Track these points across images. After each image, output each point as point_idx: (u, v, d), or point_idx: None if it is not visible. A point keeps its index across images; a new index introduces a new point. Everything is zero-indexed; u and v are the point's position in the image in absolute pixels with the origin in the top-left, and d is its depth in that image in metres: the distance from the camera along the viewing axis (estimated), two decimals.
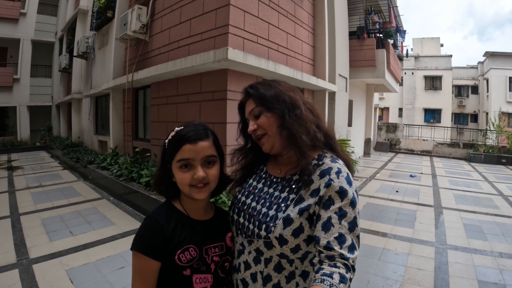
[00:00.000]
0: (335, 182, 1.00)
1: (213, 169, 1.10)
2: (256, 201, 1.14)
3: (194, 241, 1.10)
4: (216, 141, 1.15)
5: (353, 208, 0.98)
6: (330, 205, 0.98)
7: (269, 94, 1.12)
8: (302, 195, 1.04)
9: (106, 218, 5.28)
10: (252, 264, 1.08)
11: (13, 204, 6.07)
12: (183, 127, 1.12)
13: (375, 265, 3.73)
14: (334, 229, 0.94)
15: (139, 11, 6.95)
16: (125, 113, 8.62)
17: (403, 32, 13.44)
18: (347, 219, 0.96)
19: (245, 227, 1.11)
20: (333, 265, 0.89)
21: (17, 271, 3.46)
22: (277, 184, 1.15)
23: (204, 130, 1.12)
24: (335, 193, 0.98)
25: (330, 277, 0.85)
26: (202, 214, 1.18)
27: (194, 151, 1.06)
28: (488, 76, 25.58)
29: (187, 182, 1.06)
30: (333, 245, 0.92)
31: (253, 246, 1.08)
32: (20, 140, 16.45)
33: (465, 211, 6.08)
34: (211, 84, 5.52)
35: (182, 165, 1.07)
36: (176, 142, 1.08)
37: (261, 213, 1.08)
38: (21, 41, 16.53)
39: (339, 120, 9.10)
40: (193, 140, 1.06)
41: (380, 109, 26.12)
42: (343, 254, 0.90)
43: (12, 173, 9.25)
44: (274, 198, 1.10)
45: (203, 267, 1.11)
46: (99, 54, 10.43)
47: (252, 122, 1.13)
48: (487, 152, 14.34)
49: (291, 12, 6.89)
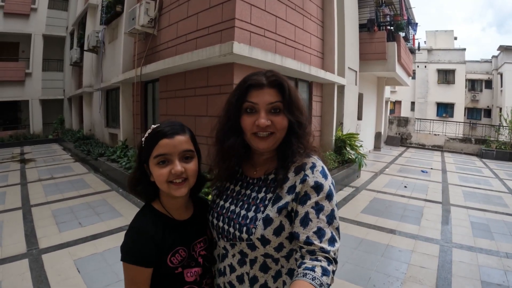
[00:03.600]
0: (310, 177, 1.00)
1: (191, 164, 1.08)
2: (235, 204, 1.12)
3: (182, 242, 1.11)
4: (193, 137, 1.13)
5: (329, 201, 0.98)
6: (307, 200, 0.98)
7: (295, 99, 1.08)
8: (279, 193, 1.04)
9: (115, 210, 5.38)
10: (237, 266, 1.08)
11: (25, 196, 6.22)
12: (159, 125, 1.11)
13: (377, 261, 3.71)
14: (312, 223, 0.94)
15: (147, 6, 6.99)
16: (134, 106, 8.72)
17: (415, 25, 13.22)
18: (325, 212, 0.96)
19: (226, 231, 1.09)
20: (315, 259, 0.89)
21: (27, 261, 3.56)
22: (254, 185, 1.13)
23: (181, 126, 1.11)
24: (311, 188, 0.99)
25: (312, 270, 0.85)
26: (183, 212, 1.17)
27: (171, 145, 1.04)
28: (502, 70, 24.97)
29: (164, 179, 1.04)
30: (313, 239, 0.92)
31: (236, 249, 1.07)
32: (33, 133, 16.77)
33: (473, 208, 5.99)
34: (217, 78, 5.54)
35: (159, 161, 1.04)
36: (152, 138, 1.07)
37: (240, 215, 1.07)
38: (32, 36, 16.77)
39: (348, 113, 9.04)
40: (170, 135, 1.05)
41: (392, 102, 25.80)
42: (324, 247, 0.91)
43: (25, 166, 9.46)
44: (252, 199, 1.09)
45: (192, 262, 1.13)
46: (109, 48, 10.53)
47: (265, 115, 1.04)
48: (499, 149, 14.04)
49: (299, 4, 6.83)
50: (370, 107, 13.24)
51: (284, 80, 1.08)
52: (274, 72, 1.10)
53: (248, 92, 1.07)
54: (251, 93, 1.07)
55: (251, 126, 1.05)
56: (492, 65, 27.71)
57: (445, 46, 28.82)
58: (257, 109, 1.05)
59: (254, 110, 1.06)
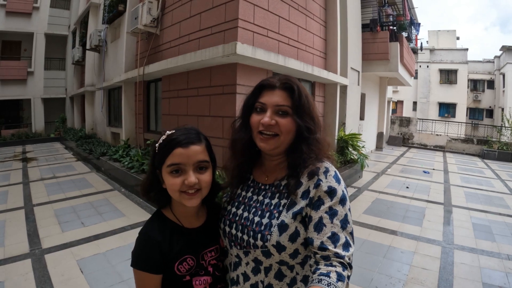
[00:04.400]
0: (323, 182, 1.00)
1: (205, 175, 1.06)
2: (248, 211, 1.11)
3: (191, 251, 1.09)
4: (208, 146, 1.11)
5: (343, 206, 0.98)
6: (320, 205, 0.98)
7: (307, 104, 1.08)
8: (293, 199, 1.03)
9: (117, 210, 5.39)
10: (251, 275, 1.07)
11: (27, 195, 6.23)
12: (174, 131, 1.09)
13: (379, 262, 3.72)
14: (326, 229, 0.94)
15: (149, 5, 6.99)
16: (136, 106, 8.72)
17: (417, 25, 13.18)
18: (339, 217, 0.96)
19: (239, 239, 1.07)
20: (329, 264, 0.89)
21: (30, 261, 3.57)
22: (266, 191, 1.12)
23: (197, 134, 1.08)
24: (324, 193, 0.99)
25: (327, 276, 0.85)
26: (194, 220, 1.16)
27: (185, 155, 1.02)
28: (504, 70, 24.86)
29: (177, 188, 1.02)
30: (327, 245, 0.92)
31: (250, 256, 1.06)
32: (35, 131, 16.84)
33: (475, 210, 5.99)
34: (220, 78, 5.54)
35: (172, 170, 1.02)
36: (167, 146, 1.04)
37: (254, 222, 1.06)
38: (34, 34, 16.83)
39: (351, 113, 9.02)
40: (185, 144, 1.02)
41: (394, 102, 25.74)
42: (338, 253, 0.90)
43: (27, 165, 9.49)
44: (265, 205, 1.08)
45: (202, 271, 1.11)
46: (111, 47, 10.53)
47: (271, 114, 1.05)
48: (501, 149, 14.01)
49: (302, 4, 6.82)
50: (372, 107, 13.23)
51: (296, 84, 1.09)
52: (288, 77, 1.12)
53: (261, 93, 1.11)
54: (263, 93, 1.11)
55: (257, 124, 1.07)
56: (495, 65, 27.63)
57: (448, 46, 28.76)
58: (265, 108, 1.07)
59: (262, 110, 1.08)
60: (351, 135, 8.06)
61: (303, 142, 1.07)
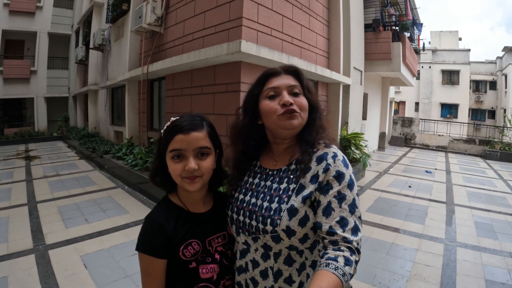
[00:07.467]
0: (332, 167, 1.01)
1: (206, 161, 1.07)
2: (256, 197, 1.11)
3: (196, 235, 1.10)
4: (212, 132, 1.12)
5: (351, 190, 0.99)
6: (329, 189, 0.98)
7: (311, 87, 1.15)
8: (302, 183, 1.03)
9: (121, 207, 5.41)
10: (261, 261, 1.06)
11: (31, 192, 6.26)
12: (179, 117, 1.10)
13: (383, 259, 3.73)
14: (335, 213, 0.95)
15: (153, 4, 7.02)
16: (140, 104, 8.75)
17: (420, 25, 13.20)
18: (347, 201, 0.97)
19: (247, 225, 1.08)
20: (337, 249, 0.89)
21: (34, 256, 3.59)
22: (274, 177, 1.13)
23: (200, 121, 1.09)
24: (333, 178, 0.99)
25: (335, 260, 0.86)
26: (201, 206, 1.16)
27: (186, 141, 1.03)
28: (506, 71, 24.87)
29: (178, 173, 1.04)
30: (336, 229, 0.92)
31: (259, 242, 1.06)
32: (38, 130, 16.88)
33: (477, 208, 5.99)
34: (224, 76, 5.56)
35: (174, 156, 1.04)
36: (169, 132, 1.06)
37: (263, 207, 1.05)
38: (37, 34, 16.89)
39: (353, 113, 9.03)
40: (186, 131, 1.04)
41: (396, 102, 25.75)
42: (346, 237, 0.91)
43: (30, 163, 9.52)
44: (274, 190, 1.08)
45: (208, 258, 1.11)
46: (114, 46, 10.57)
47: (288, 95, 1.08)
48: (503, 150, 13.98)
49: (306, 4, 6.84)
50: (375, 107, 13.22)
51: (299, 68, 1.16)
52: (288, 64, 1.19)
53: (267, 81, 1.13)
54: (270, 80, 1.13)
55: (274, 108, 1.07)
56: (497, 66, 27.62)
57: (450, 46, 28.76)
58: (278, 92, 1.09)
59: (274, 95, 1.10)
60: (354, 134, 8.06)
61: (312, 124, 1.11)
